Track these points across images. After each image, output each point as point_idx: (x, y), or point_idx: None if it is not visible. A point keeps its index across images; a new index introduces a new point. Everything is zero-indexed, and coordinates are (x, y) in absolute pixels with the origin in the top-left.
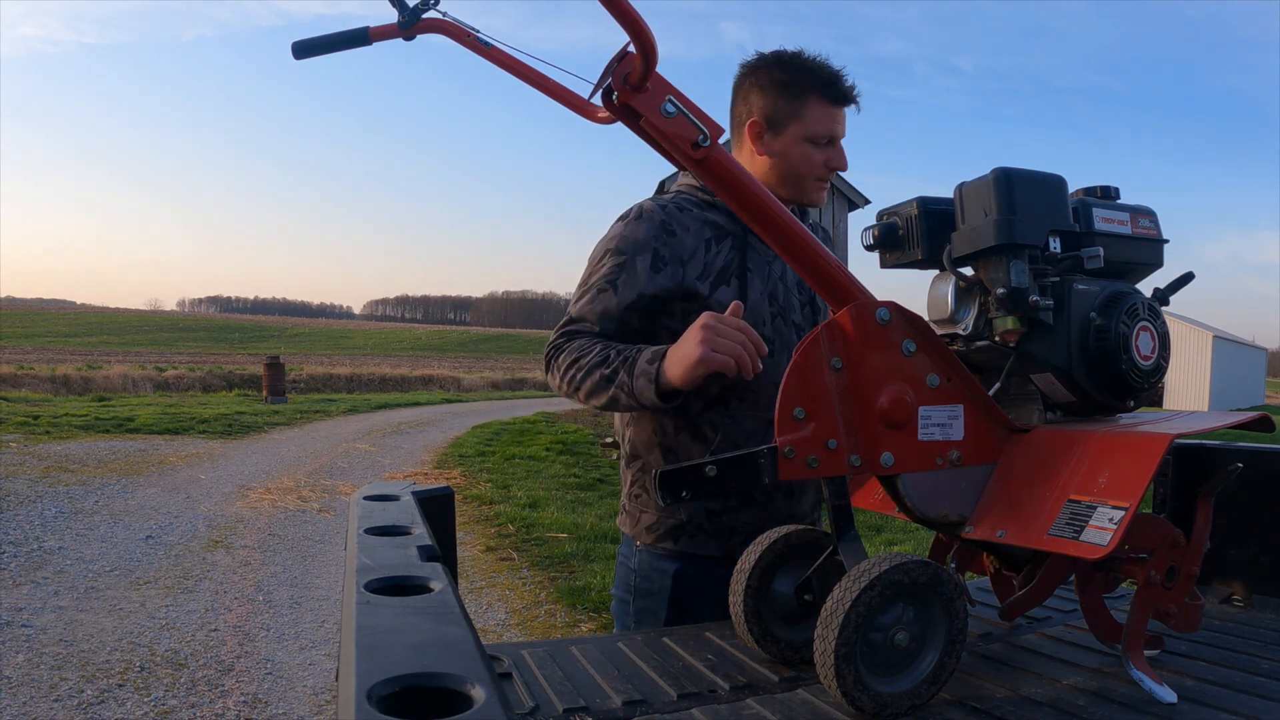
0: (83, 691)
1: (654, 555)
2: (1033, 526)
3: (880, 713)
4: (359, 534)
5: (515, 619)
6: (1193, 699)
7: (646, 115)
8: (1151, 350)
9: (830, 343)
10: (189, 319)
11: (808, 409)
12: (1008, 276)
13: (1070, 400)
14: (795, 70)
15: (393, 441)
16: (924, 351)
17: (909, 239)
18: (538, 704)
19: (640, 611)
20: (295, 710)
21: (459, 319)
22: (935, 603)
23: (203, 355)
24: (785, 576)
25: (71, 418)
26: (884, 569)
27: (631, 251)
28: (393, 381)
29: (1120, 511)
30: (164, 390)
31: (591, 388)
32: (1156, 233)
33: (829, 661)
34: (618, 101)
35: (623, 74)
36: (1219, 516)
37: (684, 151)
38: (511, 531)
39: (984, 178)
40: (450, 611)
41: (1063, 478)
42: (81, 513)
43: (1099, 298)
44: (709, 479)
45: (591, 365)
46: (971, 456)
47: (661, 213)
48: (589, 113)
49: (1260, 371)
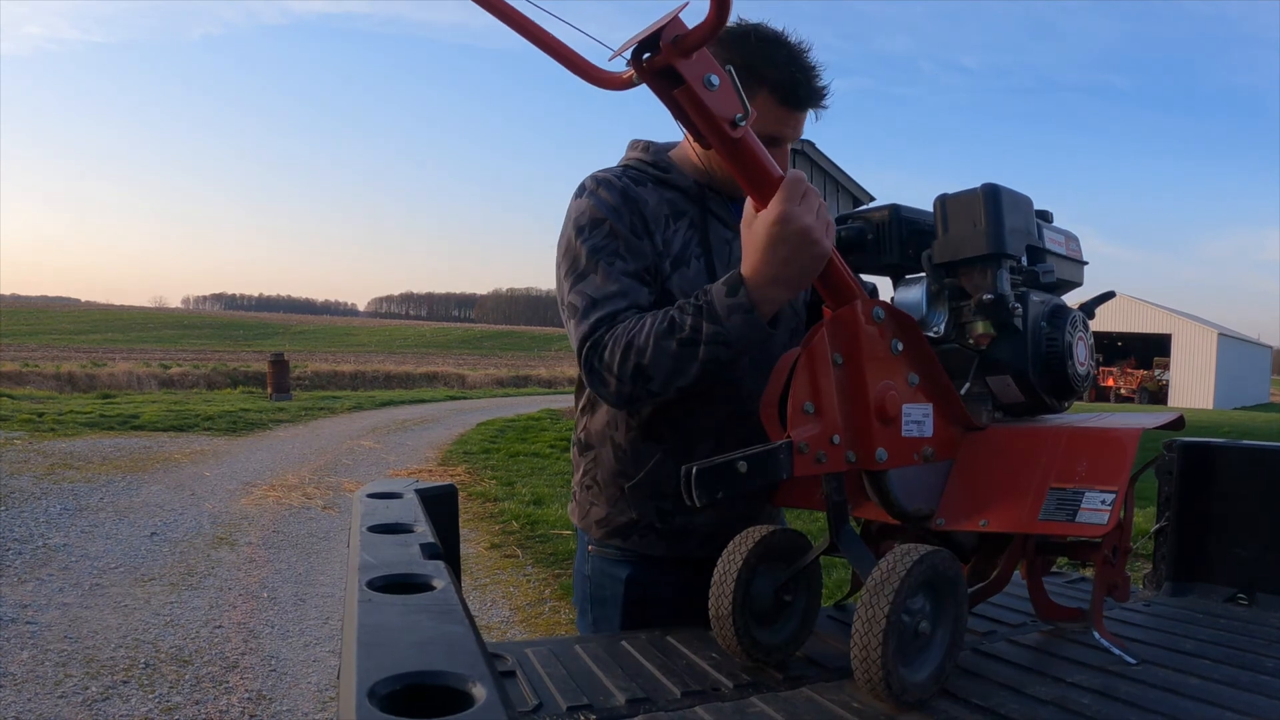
0: (87, 688)
1: (605, 561)
2: (1019, 514)
3: (901, 697)
4: (362, 531)
5: (519, 616)
6: (1198, 697)
7: (690, 81)
8: (1085, 358)
9: (834, 338)
10: (194, 316)
11: (817, 404)
12: (994, 283)
13: (1018, 401)
14: (755, 58)
15: (397, 439)
16: (908, 351)
17: (881, 243)
18: (541, 702)
19: (597, 620)
20: (300, 707)
21: (463, 316)
22: (951, 600)
23: (207, 352)
24: (763, 577)
25: (76, 415)
26: (927, 552)
27: (612, 215)
28: (397, 379)
29: (1111, 494)
30: (169, 387)
31: (671, 366)
32: (1079, 255)
33: (875, 631)
34: (654, 64)
35: (672, 34)
36: (1224, 515)
37: (719, 128)
38: (515, 529)
39: (971, 191)
40: (452, 610)
41: (1037, 469)
42: (86, 510)
43: (1045, 309)
44: (740, 475)
45: (656, 339)
46: (940, 453)
47: (620, 180)
48: (601, 77)
49: (1265, 369)
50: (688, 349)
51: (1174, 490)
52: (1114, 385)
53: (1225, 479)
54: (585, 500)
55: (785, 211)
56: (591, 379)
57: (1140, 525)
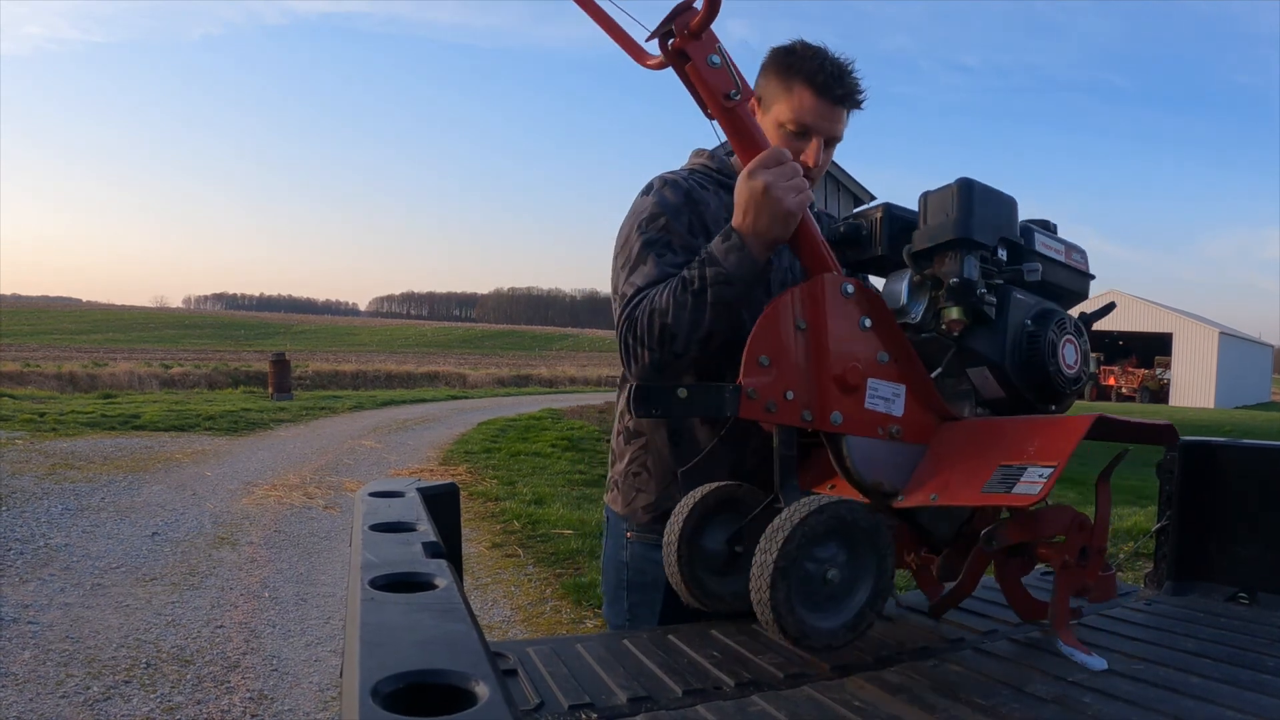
0: (89, 688)
1: (646, 546)
2: (966, 487)
3: (800, 640)
4: (364, 530)
5: (520, 615)
6: (1199, 696)
7: (695, 60)
8: (1075, 361)
9: (799, 304)
10: (195, 316)
11: (772, 358)
12: (960, 268)
13: (1000, 396)
14: (795, 56)
15: (398, 438)
16: (878, 329)
17: (872, 239)
18: (543, 700)
19: (634, 605)
20: (301, 706)
21: (464, 315)
22: (870, 552)
23: (208, 352)
24: (717, 527)
25: (78, 415)
26: (831, 501)
27: (671, 213)
28: (398, 378)
29: (1050, 469)
30: (170, 387)
31: (690, 319)
32: (1085, 267)
33: (765, 575)
34: (673, 47)
35: (685, 21)
36: (1225, 514)
37: (716, 100)
38: (517, 528)
39: (948, 185)
40: (454, 608)
41: (994, 451)
42: (87, 509)
43: (1033, 310)
44: (680, 400)
45: (673, 297)
46: (909, 434)
47: (686, 182)
48: (641, 57)
49: (1266, 368)
50: (699, 298)
51: (1175, 489)
52: (1115, 384)
53: (1226, 478)
54: (630, 487)
55: (752, 171)
56: (627, 357)
57: (1142, 524)
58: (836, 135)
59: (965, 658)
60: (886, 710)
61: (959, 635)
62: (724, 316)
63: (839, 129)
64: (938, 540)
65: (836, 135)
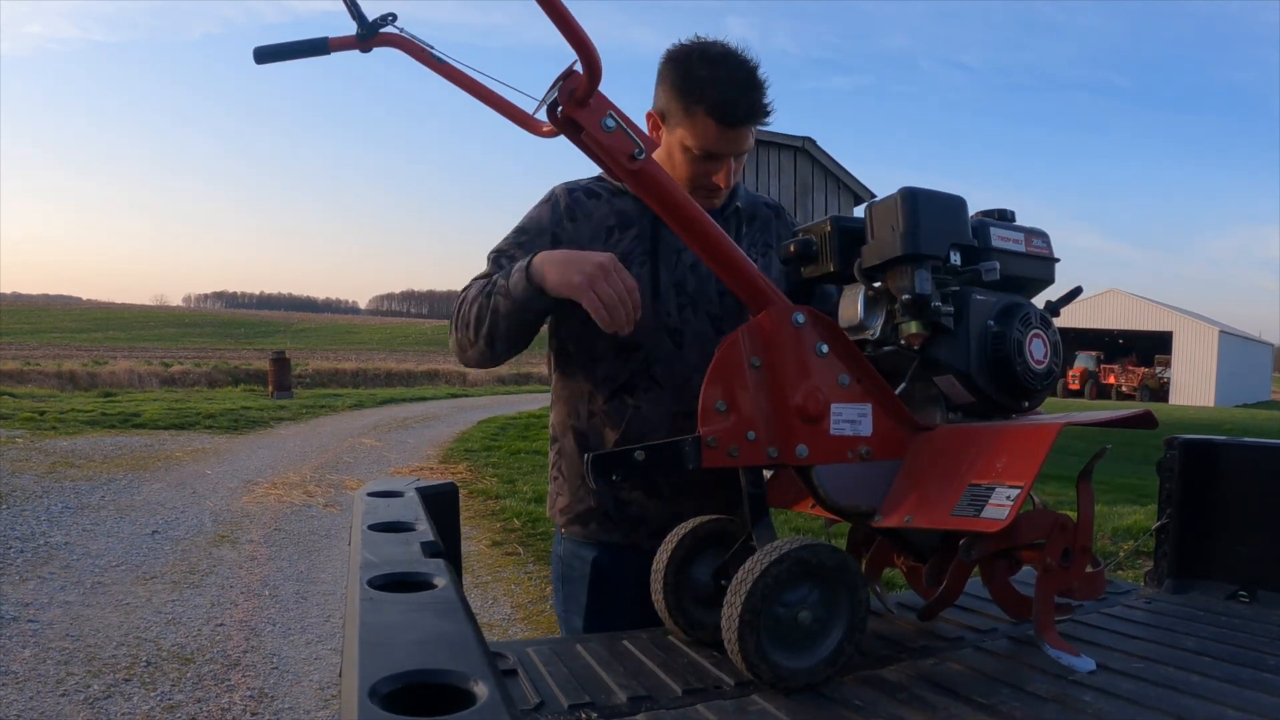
0: (89, 686)
1: (575, 543)
2: (937, 510)
3: (777, 683)
4: (363, 530)
5: (520, 614)
6: (1200, 695)
7: (588, 129)
8: (1044, 355)
9: (750, 343)
10: (195, 315)
11: (729, 402)
12: (912, 284)
13: (970, 401)
14: (693, 80)
15: (398, 437)
16: (836, 354)
17: (823, 253)
18: (543, 700)
19: (566, 598)
20: (301, 705)
21: None
22: (840, 588)
23: (208, 351)
24: (702, 563)
25: (78, 413)
26: (794, 547)
27: (534, 232)
28: (398, 377)
29: (1016, 490)
30: (170, 386)
31: (478, 312)
32: (1048, 251)
33: (734, 627)
34: (561, 116)
35: (569, 90)
36: (1225, 513)
37: (620, 163)
38: (517, 526)
39: (891, 196)
40: (453, 608)
41: (964, 467)
42: (88, 508)
43: (996, 308)
44: (637, 463)
45: (478, 292)
46: (880, 452)
47: (568, 197)
48: (533, 127)
49: (1266, 366)
50: (489, 299)
51: (1175, 488)
52: (1115, 383)
53: (1226, 476)
54: (553, 490)
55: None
56: (451, 339)
57: (1142, 522)
58: (744, 150)
59: (965, 656)
60: (886, 710)
61: (958, 634)
62: (501, 324)
63: (746, 144)
64: (923, 549)
65: (744, 150)
